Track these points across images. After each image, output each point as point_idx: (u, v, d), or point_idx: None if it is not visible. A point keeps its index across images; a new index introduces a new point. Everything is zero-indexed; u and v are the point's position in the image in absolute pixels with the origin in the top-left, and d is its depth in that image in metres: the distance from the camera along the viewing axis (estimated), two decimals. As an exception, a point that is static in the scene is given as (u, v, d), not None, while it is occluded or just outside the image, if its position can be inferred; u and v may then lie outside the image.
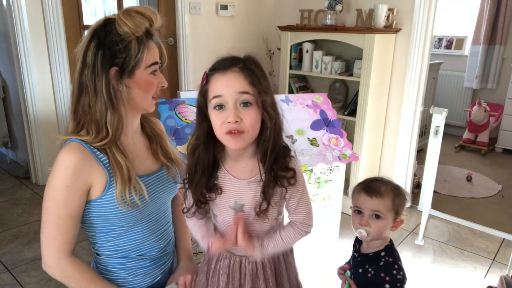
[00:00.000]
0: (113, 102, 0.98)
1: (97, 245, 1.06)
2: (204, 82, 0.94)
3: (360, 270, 1.15)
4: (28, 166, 3.16)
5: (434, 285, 2.09)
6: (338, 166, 1.95)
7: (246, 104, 0.89)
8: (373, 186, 1.11)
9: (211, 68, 0.94)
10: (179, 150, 1.64)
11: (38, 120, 2.96)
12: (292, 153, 1.00)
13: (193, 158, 0.97)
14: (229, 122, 0.88)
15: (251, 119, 0.89)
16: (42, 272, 2.06)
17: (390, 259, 1.12)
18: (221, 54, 0.95)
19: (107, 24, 0.98)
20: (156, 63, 1.02)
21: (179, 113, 1.71)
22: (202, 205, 1.00)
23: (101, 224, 1.03)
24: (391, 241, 1.17)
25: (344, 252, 1.28)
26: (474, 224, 2.66)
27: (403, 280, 1.09)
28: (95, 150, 0.99)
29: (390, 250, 1.15)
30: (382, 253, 1.14)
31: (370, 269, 1.12)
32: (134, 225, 1.06)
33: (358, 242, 1.23)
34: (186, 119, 1.71)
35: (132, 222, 1.05)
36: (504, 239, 2.51)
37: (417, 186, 3.04)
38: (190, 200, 1.01)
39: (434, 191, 2.74)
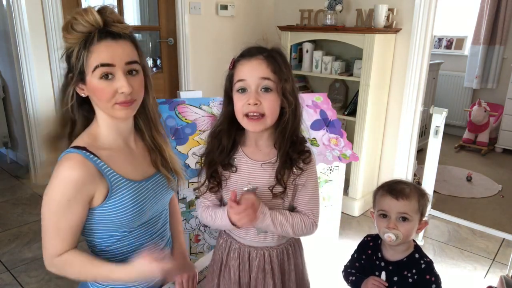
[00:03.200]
0: (84, 107, 1.02)
1: (96, 249, 1.05)
2: (231, 67, 1.02)
3: (396, 278, 1.11)
4: (28, 166, 3.16)
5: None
6: (338, 166, 1.95)
7: (266, 89, 0.97)
8: (398, 188, 1.09)
9: (239, 55, 1.01)
10: (179, 150, 1.64)
11: (38, 120, 2.96)
12: (308, 147, 1.06)
13: (216, 139, 1.05)
14: (249, 104, 0.96)
15: (269, 103, 0.97)
16: (42, 272, 2.07)
17: (428, 259, 1.13)
18: (250, 44, 1.03)
19: None
20: (103, 65, 0.93)
21: (179, 113, 1.71)
22: (214, 181, 1.05)
23: (102, 230, 1.02)
24: (414, 240, 1.16)
25: (344, 252, 1.27)
26: (474, 224, 2.66)
27: (439, 275, 1.11)
28: (96, 159, 0.96)
29: (420, 250, 1.15)
30: (416, 255, 1.13)
31: (409, 274, 1.10)
32: (134, 229, 1.05)
33: (377, 249, 1.18)
34: (186, 119, 1.71)
35: (132, 227, 1.04)
36: (504, 239, 2.51)
37: (417, 186, 3.03)
38: (203, 177, 1.08)
39: (434, 191, 2.74)
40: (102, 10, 0.94)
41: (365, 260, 1.19)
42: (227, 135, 1.03)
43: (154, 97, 1.10)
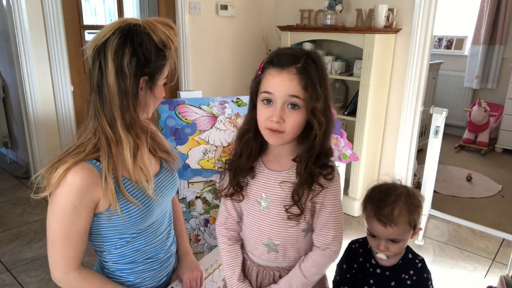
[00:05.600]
0: (137, 112, 0.97)
1: (104, 253, 1.04)
2: (259, 72, 0.92)
3: (393, 283, 1.09)
4: (28, 166, 3.16)
5: (434, 285, 2.08)
6: (338, 166, 1.95)
7: (294, 106, 0.88)
8: (385, 212, 1.02)
9: (269, 61, 0.91)
10: (179, 150, 1.64)
11: (38, 120, 2.96)
12: (333, 162, 0.97)
13: (241, 141, 0.98)
14: (271, 120, 0.88)
15: (293, 122, 0.89)
16: (42, 272, 2.07)
17: (420, 257, 1.12)
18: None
19: (139, 30, 0.93)
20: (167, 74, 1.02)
21: (179, 113, 1.71)
22: (239, 189, 1.00)
23: (111, 234, 1.01)
24: None
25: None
26: (474, 224, 2.66)
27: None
28: (99, 163, 0.95)
29: (411, 249, 1.13)
30: (410, 255, 1.11)
31: (407, 277, 1.08)
32: (142, 230, 1.04)
33: (369, 256, 1.13)
34: (186, 119, 1.71)
35: (141, 229, 1.03)
36: (504, 239, 2.51)
37: (417, 186, 3.04)
38: (225, 181, 1.02)
39: (434, 191, 2.74)
40: None
41: (357, 268, 1.14)
42: (254, 140, 0.96)
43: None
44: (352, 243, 1.18)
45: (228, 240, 1.06)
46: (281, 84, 0.87)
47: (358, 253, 1.15)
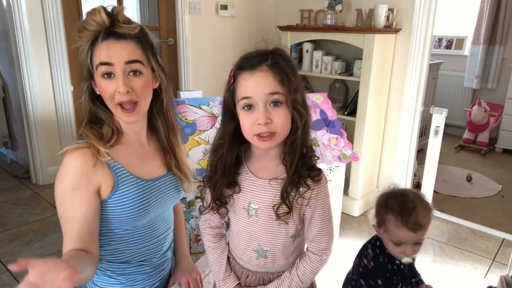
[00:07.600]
0: (93, 102, 1.01)
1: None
2: (231, 81, 0.90)
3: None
4: (28, 166, 3.16)
5: (434, 285, 2.08)
6: (338, 166, 1.95)
7: (276, 103, 0.85)
8: (412, 219, 1.07)
9: (238, 67, 0.89)
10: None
11: (38, 120, 2.96)
12: (317, 162, 0.96)
13: (215, 156, 0.95)
14: (259, 124, 0.85)
15: (281, 120, 0.86)
16: (42, 272, 2.06)
17: None
18: (248, 49, 0.91)
19: None
20: (102, 63, 0.95)
21: (179, 113, 1.71)
22: (221, 204, 0.98)
23: (103, 227, 1.01)
24: None
25: (344, 251, 1.27)
26: (474, 224, 2.66)
27: None
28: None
29: None
30: None
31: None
32: (137, 229, 1.04)
33: (392, 261, 1.16)
34: (186, 119, 1.71)
35: (135, 226, 1.03)
36: (504, 239, 2.51)
37: (417, 186, 3.04)
38: (208, 198, 1.00)
39: (434, 191, 2.74)
40: (111, 11, 0.96)
41: (389, 276, 1.16)
42: (229, 156, 0.93)
43: (172, 98, 1.11)
44: (375, 256, 1.17)
45: (213, 238, 1.07)
46: (257, 85, 0.85)
47: (386, 262, 1.17)
